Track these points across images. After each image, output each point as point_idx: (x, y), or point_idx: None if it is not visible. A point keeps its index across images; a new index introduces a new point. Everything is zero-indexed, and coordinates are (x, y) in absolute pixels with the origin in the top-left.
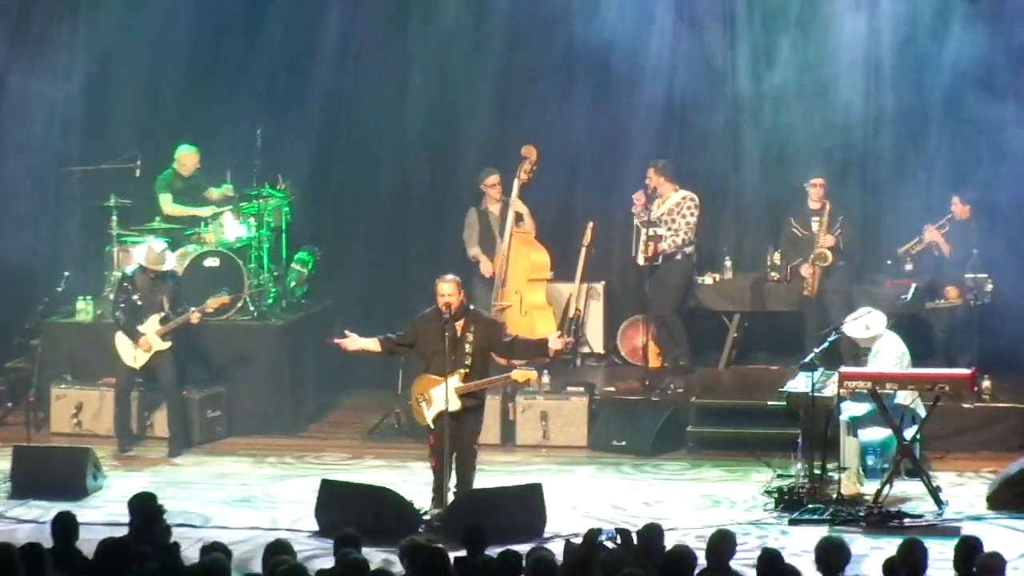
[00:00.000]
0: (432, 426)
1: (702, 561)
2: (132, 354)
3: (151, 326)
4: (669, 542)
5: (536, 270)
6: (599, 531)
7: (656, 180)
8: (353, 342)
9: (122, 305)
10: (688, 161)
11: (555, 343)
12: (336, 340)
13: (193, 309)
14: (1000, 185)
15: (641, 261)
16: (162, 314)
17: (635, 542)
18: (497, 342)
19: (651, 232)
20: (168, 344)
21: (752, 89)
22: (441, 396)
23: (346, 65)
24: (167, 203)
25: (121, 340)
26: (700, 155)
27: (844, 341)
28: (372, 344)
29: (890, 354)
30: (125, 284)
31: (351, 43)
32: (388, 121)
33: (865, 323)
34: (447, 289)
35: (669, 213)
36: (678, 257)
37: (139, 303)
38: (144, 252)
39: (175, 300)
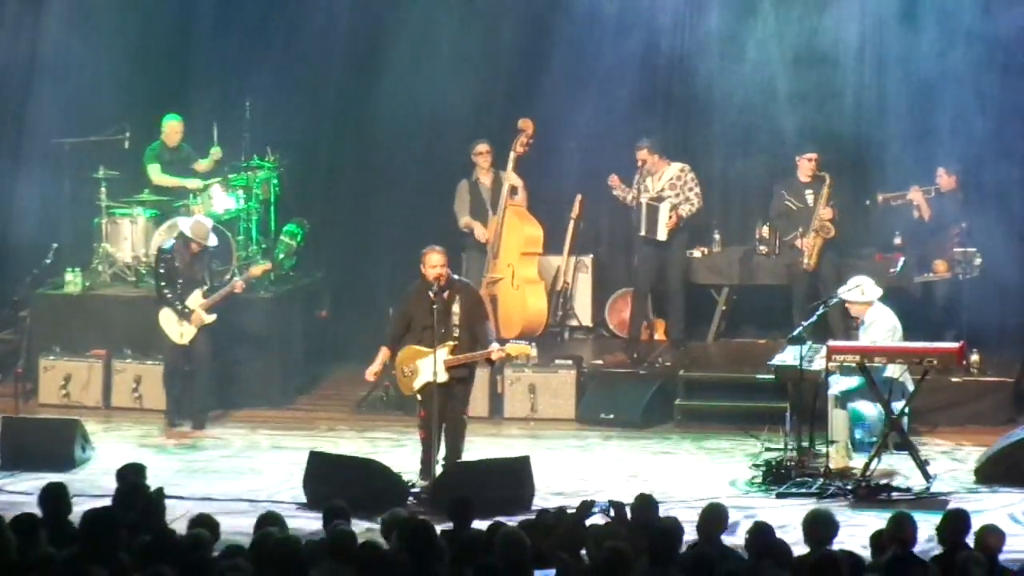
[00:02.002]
0: (419, 396)
1: (691, 535)
2: (178, 331)
3: (195, 300)
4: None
5: (529, 244)
6: (592, 503)
7: (651, 158)
8: (374, 373)
9: (165, 282)
10: (677, 134)
11: (496, 353)
12: (368, 378)
13: (237, 278)
14: (990, 159)
15: (664, 236)
16: (205, 287)
17: (628, 515)
18: (477, 317)
19: (673, 203)
20: (214, 317)
21: (741, 61)
22: (426, 367)
23: (336, 36)
24: (155, 172)
25: (166, 318)
26: (689, 128)
27: (836, 314)
28: (384, 356)
29: (882, 326)
30: (163, 261)
31: (341, 14)
32: (378, 93)
33: (861, 288)
34: (439, 260)
35: (672, 186)
36: (681, 227)
37: (179, 279)
38: (191, 224)
39: (212, 274)
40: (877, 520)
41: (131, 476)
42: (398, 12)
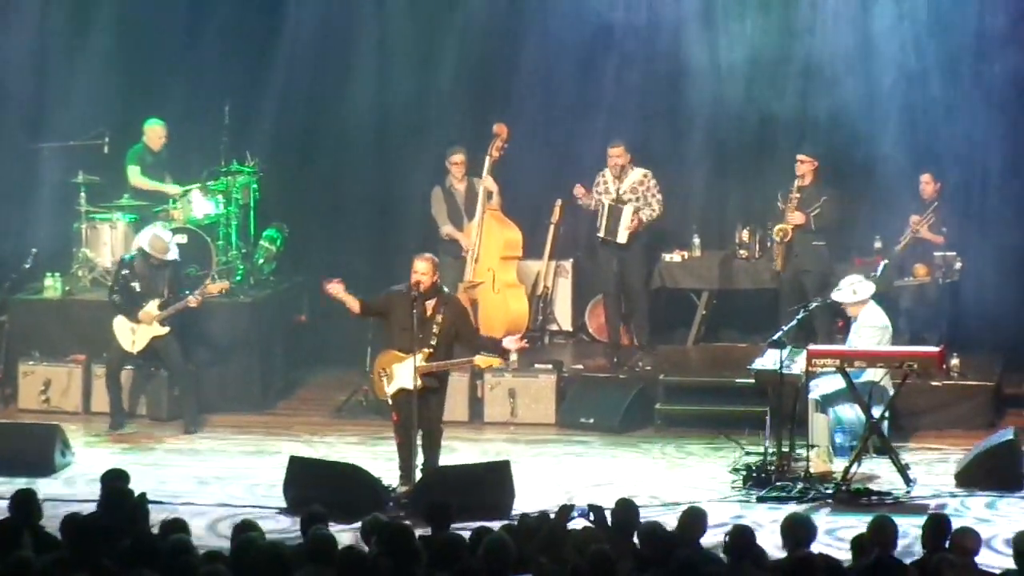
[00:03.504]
0: (391, 401)
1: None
2: (130, 339)
3: (149, 311)
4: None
5: (509, 248)
6: (572, 507)
7: (625, 158)
8: (338, 289)
9: (118, 289)
10: (655, 137)
11: (510, 343)
12: (328, 282)
13: (192, 293)
14: (970, 163)
15: (625, 239)
16: (160, 300)
17: (608, 519)
18: (465, 329)
19: (634, 206)
20: (167, 329)
21: (720, 63)
22: (402, 372)
23: (315, 42)
24: (135, 174)
25: (119, 324)
26: (667, 132)
27: (821, 316)
28: (352, 301)
29: (872, 326)
30: (124, 269)
31: (320, 20)
32: (357, 98)
33: (853, 288)
34: (421, 267)
35: (633, 191)
36: (641, 231)
37: (137, 288)
38: (148, 238)
39: (174, 286)
40: (857, 524)
41: (116, 482)
42: (374, 17)
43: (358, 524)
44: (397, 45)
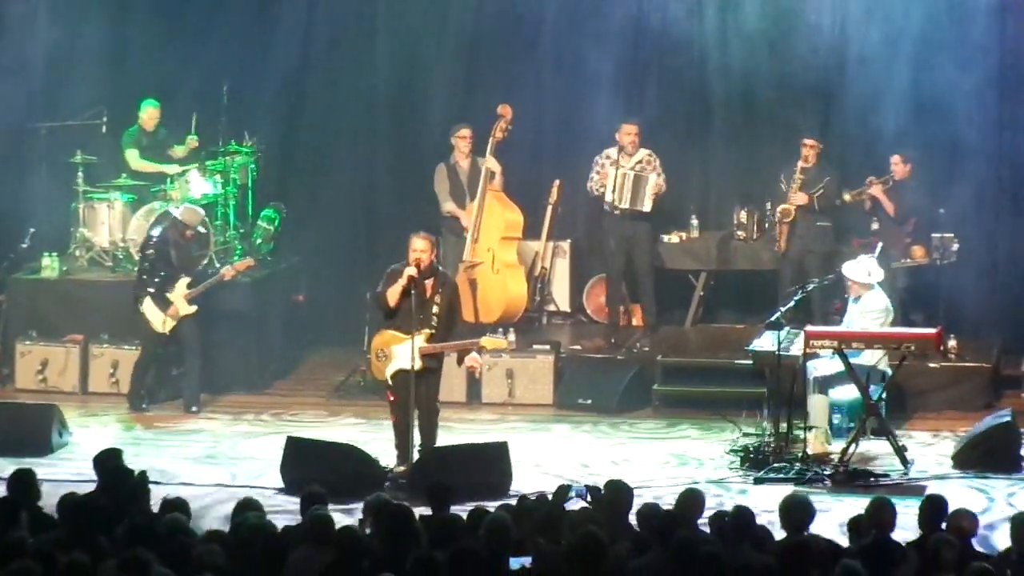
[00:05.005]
0: (390, 382)
1: None
2: (161, 318)
3: (179, 290)
4: (637, 501)
5: (510, 228)
6: (569, 488)
7: (637, 139)
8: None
9: (147, 271)
10: (653, 119)
11: (471, 360)
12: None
13: (226, 267)
14: (967, 145)
15: (649, 207)
16: (190, 279)
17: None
18: (454, 312)
19: (657, 178)
20: (194, 308)
21: (720, 45)
22: (401, 353)
23: (314, 20)
24: (133, 158)
25: (150, 306)
26: (666, 113)
27: (816, 298)
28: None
29: (874, 307)
30: (150, 251)
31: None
32: (355, 77)
33: (868, 269)
34: (420, 245)
35: (641, 169)
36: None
37: (173, 260)
38: (182, 210)
39: (197, 263)
40: (855, 505)
41: (110, 460)
42: None
43: (356, 504)
44: (399, 25)
